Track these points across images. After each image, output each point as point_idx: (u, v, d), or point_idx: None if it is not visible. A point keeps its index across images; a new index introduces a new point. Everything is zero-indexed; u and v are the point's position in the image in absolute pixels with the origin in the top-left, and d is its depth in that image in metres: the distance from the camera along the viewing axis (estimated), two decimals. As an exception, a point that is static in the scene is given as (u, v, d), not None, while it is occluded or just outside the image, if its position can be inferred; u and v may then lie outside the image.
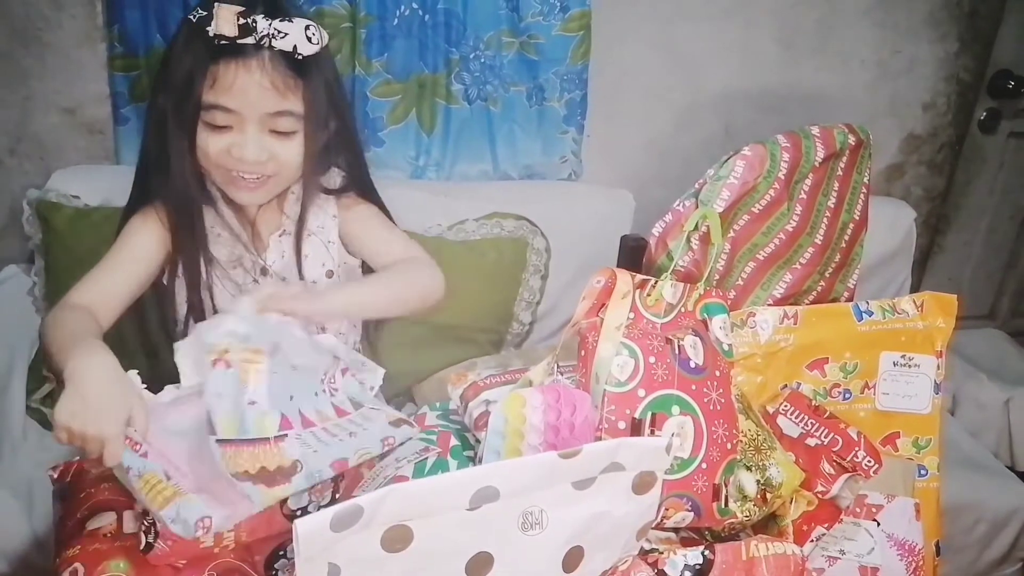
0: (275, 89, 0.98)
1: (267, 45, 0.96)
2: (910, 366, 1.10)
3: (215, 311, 1.12)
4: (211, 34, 0.95)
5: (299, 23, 0.97)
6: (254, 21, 0.95)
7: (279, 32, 0.96)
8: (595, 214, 1.60)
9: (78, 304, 0.98)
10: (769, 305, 1.12)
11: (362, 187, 1.19)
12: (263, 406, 0.84)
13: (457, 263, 1.46)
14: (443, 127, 1.61)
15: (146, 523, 0.78)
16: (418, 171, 1.63)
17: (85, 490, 0.90)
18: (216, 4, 0.95)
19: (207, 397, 0.81)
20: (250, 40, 0.95)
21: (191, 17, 0.97)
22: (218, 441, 0.80)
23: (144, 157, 1.10)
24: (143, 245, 1.08)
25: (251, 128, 0.99)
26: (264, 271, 1.13)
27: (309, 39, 0.98)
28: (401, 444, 0.93)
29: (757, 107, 1.81)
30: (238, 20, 0.94)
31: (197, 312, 1.12)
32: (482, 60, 1.57)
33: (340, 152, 1.14)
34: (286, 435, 0.84)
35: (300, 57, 0.98)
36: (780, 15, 1.75)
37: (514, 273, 1.51)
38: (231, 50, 0.96)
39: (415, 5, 1.50)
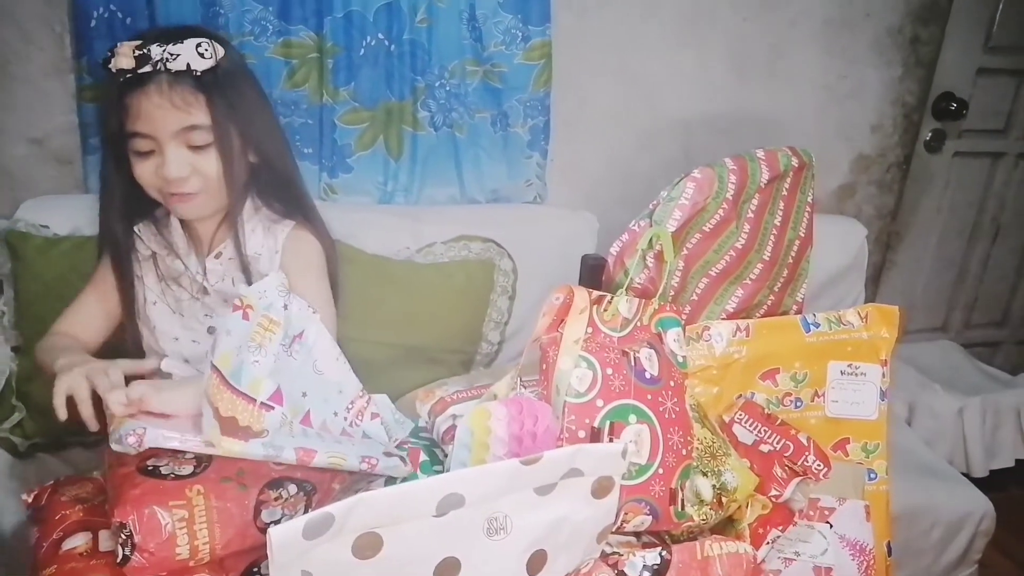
0: (175, 107, 1.04)
1: (163, 69, 1.03)
2: (856, 375, 1.16)
3: (153, 326, 1.19)
4: (114, 70, 1.03)
5: (190, 42, 1.04)
6: (148, 50, 1.03)
7: (172, 55, 1.03)
8: (560, 235, 1.64)
9: (60, 332, 1.15)
10: (722, 319, 1.17)
11: (303, 213, 1.21)
12: (263, 372, 0.89)
13: (426, 285, 1.50)
14: (410, 153, 1.65)
15: (123, 536, 0.80)
16: (386, 196, 1.66)
17: (60, 512, 0.92)
18: (119, 43, 1.04)
19: (218, 327, 0.88)
20: (148, 68, 1.03)
21: (100, 60, 1.05)
22: (213, 366, 0.85)
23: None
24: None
25: (169, 147, 1.06)
26: (205, 290, 1.18)
27: (201, 55, 1.05)
28: (381, 474, 0.95)
29: (713, 130, 1.88)
30: (134, 53, 1.02)
31: (133, 328, 1.18)
32: (447, 88, 1.61)
33: (269, 173, 1.17)
34: (273, 408, 0.88)
35: (197, 73, 1.05)
36: (732, 43, 1.83)
37: (482, 294, 1.55)
38: (135, 81, 1.04)
39: (381, 35, 1.54)
